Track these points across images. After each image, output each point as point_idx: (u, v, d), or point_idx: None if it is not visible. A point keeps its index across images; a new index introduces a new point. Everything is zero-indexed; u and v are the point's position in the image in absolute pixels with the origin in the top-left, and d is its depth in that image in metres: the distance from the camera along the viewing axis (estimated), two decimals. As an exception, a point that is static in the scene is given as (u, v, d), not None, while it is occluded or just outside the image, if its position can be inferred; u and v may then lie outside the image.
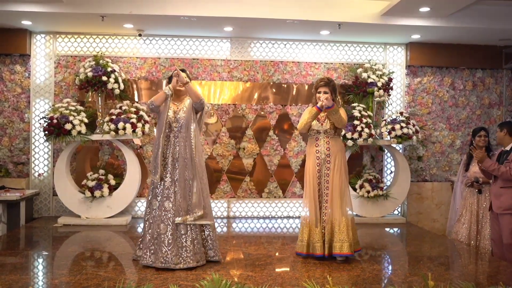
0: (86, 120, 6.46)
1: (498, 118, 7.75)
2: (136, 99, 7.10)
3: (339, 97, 4.95)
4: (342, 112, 4.79)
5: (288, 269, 4.47)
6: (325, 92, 4.72)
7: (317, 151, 4.79)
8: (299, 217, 7.17)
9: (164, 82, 4.94)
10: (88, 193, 6.49)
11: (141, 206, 7.03)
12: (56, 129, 6.26)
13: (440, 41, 7.37)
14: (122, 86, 6.72)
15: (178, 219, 4.36)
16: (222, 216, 7.21)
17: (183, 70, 4.63)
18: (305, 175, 4.89)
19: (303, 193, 4.93)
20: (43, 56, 7.07)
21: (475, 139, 5.65)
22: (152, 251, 4.38)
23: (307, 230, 4.75)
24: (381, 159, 7.56)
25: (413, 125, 6.91)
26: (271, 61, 7.35)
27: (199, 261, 4.37)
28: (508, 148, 5.14)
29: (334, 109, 4.67)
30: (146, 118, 6.57)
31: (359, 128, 6.66)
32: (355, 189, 7.00)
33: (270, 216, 7.28)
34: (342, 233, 4.60)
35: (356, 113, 6.79)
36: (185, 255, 4.31)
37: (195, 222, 4.41)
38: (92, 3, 6.09)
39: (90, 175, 6.68)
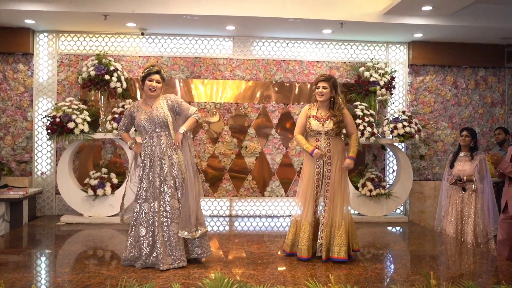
0: (88, 119, 6.48)
1: (500, 116, 7.74)
2: (139, 98, 7.11)
3: (341, 95, 4.80)
4: (349, 117, 4.77)
5: (290, 267, 4.47)
6: (324, 88, 4.65)
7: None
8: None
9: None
10: (90, 192, 6.51)
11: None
12: (58, 128, 6.28)
13: (442, 40, 7.37)
14: (124, 85, 6.73)
15: (185, 234, 4.33)
16: (224, 215, 7.22)
17: (158, 72, 4.48)
18: (302, 174, 4.82)
19: (298, 192, 4.85)
20: (46, 55, 7.09)
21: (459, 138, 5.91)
22: (131, 254, 4.37)
23: (294, 230, 4.75)
24: (383, 158, 7.56)
25: (416, 124, 6.90)
26: (274, 60, 7.35)
27: (172, 263, 4.29)
28: None
29: (355, 158, 4.76)
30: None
31: (361, 127, 6.65)
32: (357, 188, 7.00)
33: (272, 215, 7.29)
34: (341, 237, 4.56)
35: (359, 112, 6.79)
36: (163, 257, 4.27)
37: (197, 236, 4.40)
38: (95, 2, 6.10)
39: (93, 174, 6.70)
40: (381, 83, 6.97)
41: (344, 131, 4.83)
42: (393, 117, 7.01)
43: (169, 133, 4.44)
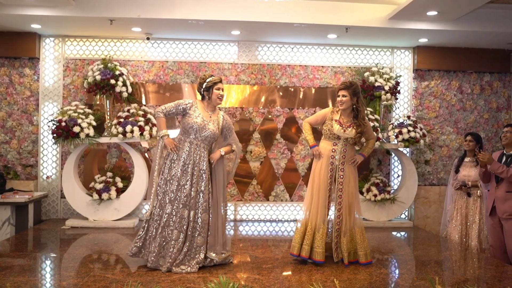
0: (94, 123, 6.50)
1: (506, 122, 7.71)
2: (144, 102, 7.14)
3: (364, 103, 4.84)
4: (369, 124, 4.83)
5: (295, 272, 4.47)
6: (343, 96, 4.65)
7: (332, 157, 4.69)
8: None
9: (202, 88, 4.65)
10: (95, 196, 6.53)
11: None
12: (64, 132, 6.31)
13: (447, 45, 7.37)
14: (130, 89, 6.75)
15: (213, 255, 4.46)
16: (229, 219, 7.22)
17: (221, 81, 4.69)
18: (313, 177, 4.76)
19: (307, 195, 4.80)
20: (52, 59, 7.13)
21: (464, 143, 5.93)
22: (160, 255, 4.38)
23: (302, 232, 4.71)
24: (388, 163, 7.55)
25: (420, 129, 6.89)
26: (278, 65, 7.37)
27: (184, 269, 4.35)
28: None
29: (365, 157, 4.89)
30: (154, 121, 6.59)
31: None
32: (362, 193, 6.99)
33: (277, 220, 7.28)
34: (364, 242, 4.68)
35: (363, 117, 6.78)
36: (187, 261, 4.39)
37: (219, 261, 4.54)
38: (101, 7, 6.14)
39: (98, 178, 6.72)
40: (386, 88, 6.97)
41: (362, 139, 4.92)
42: (398, 122, 7.01)
43: (211, 149, 4.64)
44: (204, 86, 4.61)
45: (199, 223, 4.44)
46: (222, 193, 4.62)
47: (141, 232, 4.56)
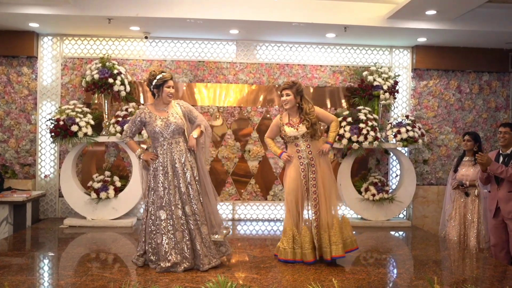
0: (92, 122, 6.49)
1: (504, 121, 7.71)
2: (142, 101, 7.13)
3: (308, 99, 4.84)
4: (321, 112, 4.86)
5: (293, 271, 4.46)
6: (287, 95, 4.74)
7: (300, 157, 4.74)
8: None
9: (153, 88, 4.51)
10: (94, 195, 6.51)
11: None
12: (62, 131, 6.29)
13: (446, 44, 7.36)
14: (128, 88, 6.74)
15: (217, 237, 4.48)
16: (227, 219, 7.21)
17: (172, 78, 4.56)
18: (286, 181, 4.81)
19: (287, 199, 4.78)
20: (50, 58, 7.11)
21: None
22: (171, 261, 4.31)
23: (291, 236, 4.68)
24: (387, 162, 7.55)
25: (419, 128, 6.89)
26: (277, 64, 7.36)
27: (210, 262, 4.39)
28: (509, 151, 5.14)
29: (332, 146, 4.83)
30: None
31: (364, 131, 6.64)
32: (360, 192, 6.98)
33: (275, 219, 7.28)
34: (335, 236, 4.60)
35: (362, 116, 6.78)
36: (202, 258, 4.37)
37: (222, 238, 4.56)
38: (99, 5, 6.13)
39: (96, 177, 6.70)
40: (385, 87, 6.97)
41: (321, 131, 4.93)
42: (397, 122, 7.00)
43: (185, 139, 4.54)
44: (154, 83, 4.47)
45: (198, 214, 4.42)
46: (207, 175, 4.60)
47: (141, 242, 4.52)
